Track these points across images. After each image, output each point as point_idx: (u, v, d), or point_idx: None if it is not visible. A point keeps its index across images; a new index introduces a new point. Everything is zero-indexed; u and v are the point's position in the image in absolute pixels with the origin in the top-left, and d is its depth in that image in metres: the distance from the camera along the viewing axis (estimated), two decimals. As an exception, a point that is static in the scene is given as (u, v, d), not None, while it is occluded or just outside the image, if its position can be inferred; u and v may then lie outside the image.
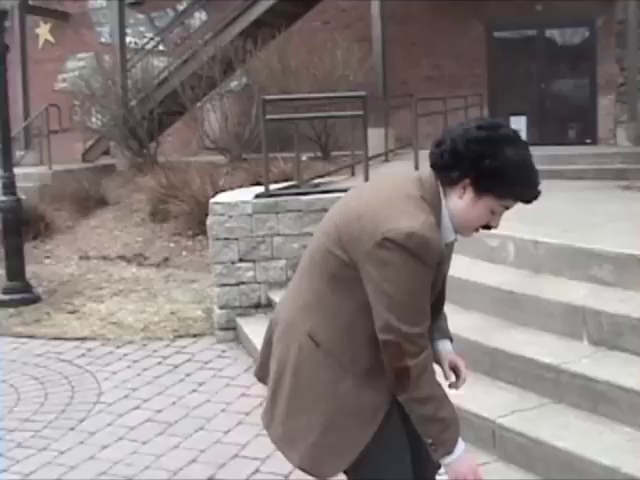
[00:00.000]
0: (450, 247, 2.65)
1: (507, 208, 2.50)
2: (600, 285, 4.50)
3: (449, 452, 2.48)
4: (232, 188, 8.90)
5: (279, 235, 6.82)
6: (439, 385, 2.48)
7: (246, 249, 6.73)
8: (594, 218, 6.11)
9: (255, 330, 6.31)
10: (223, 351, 6.48)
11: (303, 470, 2.58)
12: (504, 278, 4.88)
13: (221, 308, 6.78)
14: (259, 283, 6.81)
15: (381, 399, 2.53)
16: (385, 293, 2.36)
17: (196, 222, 9.65)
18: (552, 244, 4.92)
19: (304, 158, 11.15)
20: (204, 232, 7.40)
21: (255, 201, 6.83)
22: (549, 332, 4.39)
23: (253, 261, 6.78)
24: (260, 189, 7.26)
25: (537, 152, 7.98)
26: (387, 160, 12.12)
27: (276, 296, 6.62)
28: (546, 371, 3.90)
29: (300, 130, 8.86)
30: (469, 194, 2.45)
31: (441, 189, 2.49)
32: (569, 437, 3.51)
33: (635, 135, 12.38)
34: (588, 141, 14.26)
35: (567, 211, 6.64)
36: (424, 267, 2.34)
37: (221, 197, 7.24)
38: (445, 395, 2.48)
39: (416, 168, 8.27)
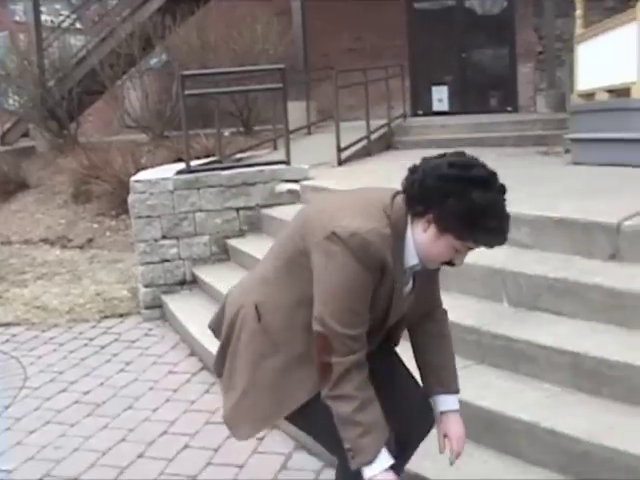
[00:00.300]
0: (421, 273, 2.67)
1: (471, 248, 2.51)
2: (519, 248, 4.56)
3: (368, 462, 2.46)
4: (154, 166, 8.82)
5: (201, 211, 6.80)
6: (366, 388, 2.49)
7: (169, 226, 6.69)
8: (513, 183, 6.14)
9: (181, 307, 6.30)
10: (150, 329, 6.45)
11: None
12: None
13: (146, 286, 6.73)
14: (183, 260, 6.79)
15: (306, 386, 2.56)
16: (323, 283, 2.43)
17: (119, 202, 9.55)
18: (471, 209, 4.94)
19: (226, 134, 11.10)
20: (127, 211, 7.33)
21: (176, 178, 6.78)
22: (470, 295, 4.44)
23: (176, 238, 6.74)
24: (182, 166, 7.19)
25: (459, 121, 8.16)
26: (309, 133, 12.13)
27: (201, 272, 6.61)
28: (468, 333, 3.95)
29: (221, 105, 8.82)
30: (432, 229, 2.47)
31: (409, 215, 2.51)
32: (491, 396, 3.56)
33: (554, 102, 12.58)
34: (509, 109, 14.46)
35: (487, 177, 6.71)
36: (363, 269, 2.39)
37: (142, 175, 7.17)
38: (370, 399, 2.48)
39: (337, 140, 8.28)
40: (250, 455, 4.10)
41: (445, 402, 2.82)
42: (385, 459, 2.47)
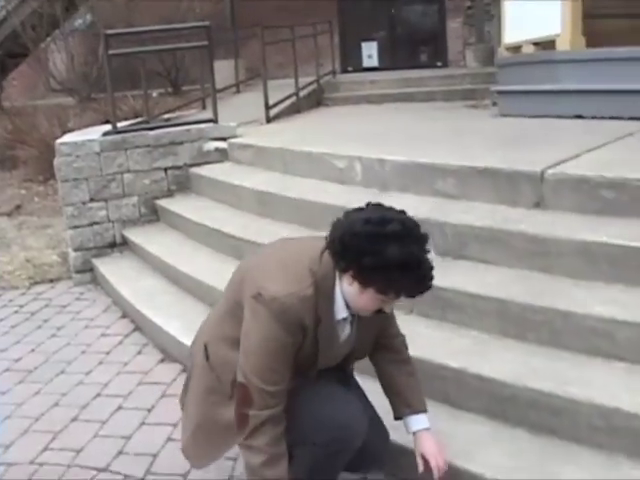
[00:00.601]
0: (364, 321, 2.77)
1: (396, 298, 2.56)
2: (444, 198, 4.61)
3: None
4: (81, 129, 8.64)
5: (129, 172, 6.70)
6: (278, 444, 2.60)
7: (96, 188, 6.57)
8: (440, 135, 6.24)
9: (112, 270, 6.24)
10: (81, 293, 6.37)
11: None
12: (352, 197, 4.90)
13: (76, 250, 6.62)
14: (112, 222, 6.69)
15: None
16: (247, 339, 2.59)
17: (46, 166, 9.29)
18: (397, 161, 4.98)
19: (155, 95, 10.96)
20: (55, 176, 7.16)
21: (102, 139, 6.66)
22: (397, 246, 4.46)
23: (105, 200, 6.63)
24: (108, 127, 7.06)
25: (388, 76, 8.15)
26: (238, 92, 12.03)
27: (131, 234, 6.55)
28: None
29: (149, 66, 8.70)
30: (356, 284, 2.53)
31: (336, 270, 2.57)
32: (420, 345, 3.60)
33: (483, 56, 12.66)
34: (439, 64, 14.51)
35: (414, 130, 6.77)
36: (282, 331, 2.52)
37: (67, 137, 7.04)
38: (280, 455, 2.60)
39: (265, 98, 8.22)
40: (184, 413, 4.10)
41: (415, 422, 2.96)
42: None
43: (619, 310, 3.40)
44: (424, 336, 3.73)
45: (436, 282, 3.78)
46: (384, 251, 2.39)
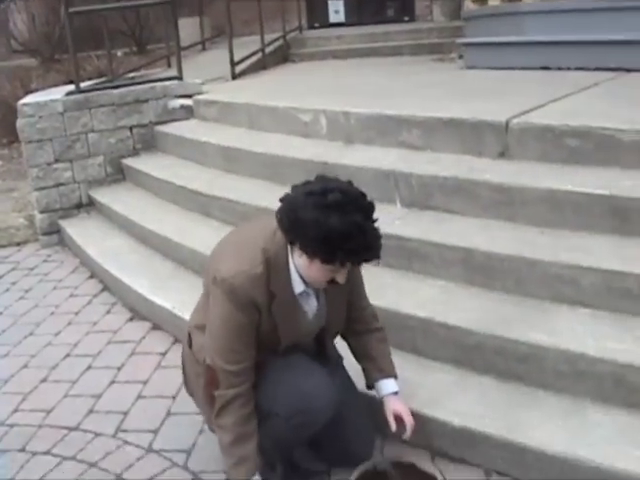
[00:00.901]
0: (330, 290, 2.77)
1: (344, 267, 2.57)
2: (410, 149, 4.60)
3: None
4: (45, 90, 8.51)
5: (94, 131, 6.61)
6: (246, 423, 2.66)
7: (61, 149, 6.48)
8: (405, 88, 6.20)
9: (79, 231, 6.19)
10: (48, 255, 6.33)
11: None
12: (318, 150, 4.90)
13: (42, 212, 6.56)
14: (78, 183, 6.62)
15: None
16: (210, 322, 2.68)
17: (10, 129, 9.11)
18: (362, 114, 4.95)
19: (119, 54, 10.81)
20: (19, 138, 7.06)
21: (65, 99, 6.55)
22: (364, 199, 4.45)
23: (70, 160, 6.55)
24: (72, 87, 6.94)
25: (355, 32, 8.07)
26: (204, 49, 11.89)
27: (97, 194, 6.50)
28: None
29: (112, 25, 8.60)
30: (304, 256, 2.56)
31: (289, 245, 2.60)
32: (386, 296, 3.62)
33: (450, 10, 12.56)
34: (406, 19, 14.36)
35: (379, 83, 6.71)
36: (236, 311, 2.57)
37: (30, 98, 6.91)
38: (248, 434, 2.66)
39: (231, 54, 8.13)
40: (154, 371, 4.11)
41: (386, 386, 3.00)
42: None
43: (584, 257, 3.42)
44: (391, 287, 3.74)
45: (402, 232, 3.89)
46: (326, 221, 2.41)
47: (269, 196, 4.77)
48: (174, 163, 6.31)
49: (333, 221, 2.40)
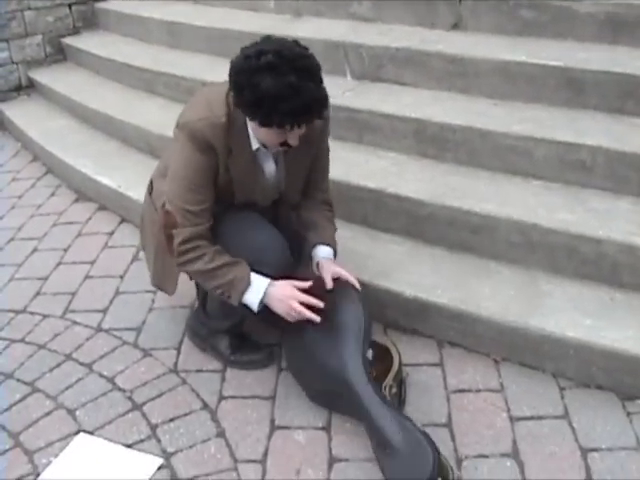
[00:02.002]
0: (291, 154, 2.74)
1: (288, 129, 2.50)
2: (360, 21, 4.50)
3: (245, 287, 2.61)
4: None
5: (30, 9, 6.29)
6: (213, 259, 2.63)
7: (-4, 28, 6.20)
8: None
9: (19, 114, 6.00)
10: (-13, 140, 6.11)
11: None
12: (265, 23, 4.76)
13: (-21, 96, 6.31)
14: (16, 64, 6.34)
15: None
16: (171, 165, 2.69)
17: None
18: (311, -15, 4.79)
19: None
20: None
21: (-2, -27, 6.23)
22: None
23: (6, 40, 6.23)
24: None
25: None
26: None
27: (37, 75, 6.28)
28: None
29: None
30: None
31: None
32: (337, 168, 3.42)
33: None
34: None
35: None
36: (196, 152, 2.58)
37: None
38: (217, 251, 2.64)
39: None
40: (101, 251, 4.03)
41: (323, 252, 2.89)
42: (260, 279, 2.64)
43: (538, 128, 3.39)
44: (341, 159, 3.65)
45: (352, 104, 3.82)
46: (259, 84, 2.35)
47: (215, 71, 4.68)
48: (116, 40, 6.10)
49: (265, 84, 2.34)
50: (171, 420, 2.79)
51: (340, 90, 3.96)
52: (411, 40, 4.04)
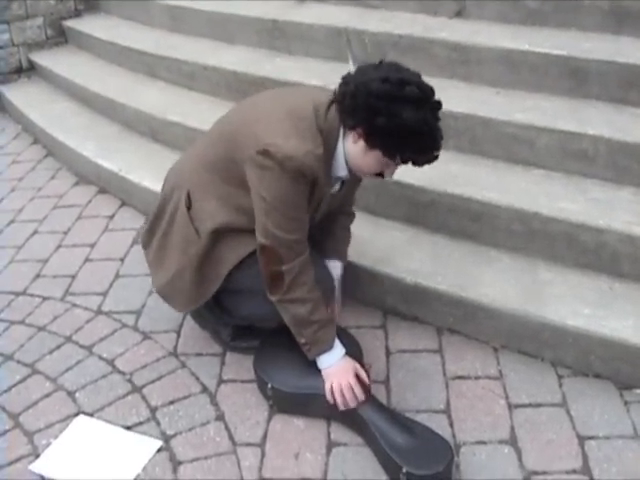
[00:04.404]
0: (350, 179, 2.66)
1: (400, 164, 2.44)
2: (364, 8, 4.48)
3: (325, 350, 2.59)
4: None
5: (32, -10, 6.28)
6: (315, 289, 2.54)
7: (-3, 9, 6.18)
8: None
9: (20, 96, 5.99)
10: (-13, 122, 6.10)
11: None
12: (267, 9, 4.74)
13: (-20, 78, 6.29)
14: (17, 46, 6.31)
15: (221, 271, 2.69)
16: (262, 198, 2.43)
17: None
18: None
19: None
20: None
21: (-1, -46, 6.20)
22: (315, 57, 4.38)
23: (6, 22, 6.19)
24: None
25: None
26: None
27: (38, 58, 6.26)
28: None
29: None
30: (361, 143, 2.39)
31: (342, 126, 2.43)
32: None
33: None
34: None
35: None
36: (297, 184, 2.40)
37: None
38: (320, 299, 2.55)
39: None
40: (101, 234, 4.04)
41: (335, 266, 2.92)
42: (340, 348, 2.61)
43: (540, 117, 3.39)
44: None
45: None
46: (400, 114, 2.26)
47: (217, 55, 4.68)
48: (118, 24, 6.08)
49: (407, 115, 2.25)
50: (170, 403, 2.80)
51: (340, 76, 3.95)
52: (414, 27, 4.03)
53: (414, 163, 2.43)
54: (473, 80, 3.79)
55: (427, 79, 3.78)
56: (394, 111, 2.27)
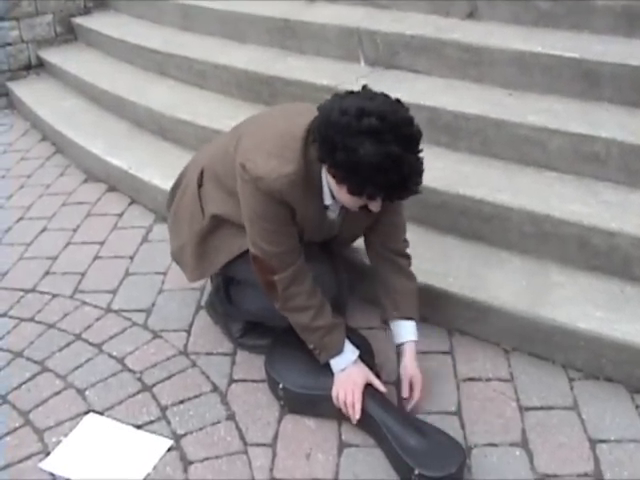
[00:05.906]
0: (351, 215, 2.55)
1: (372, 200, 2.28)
2: (375, 8, 4.48)
3: (334, 355, 2.56)
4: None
5: (41, -12, 6.28)
6: (316, 294, 2.50)
7: (6, 6, 6.13)
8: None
9: (28, 93, 6.00)
10: (-3, 119, 6.11)
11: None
12: (280, 8, 4.74)
13: (-11, 75, 6.29)
14: (26, 42, 6.32)
15: (223, 251, 2.70)
16: (245, 207, 2.44)
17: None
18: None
19: None
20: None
21: (10, -48, 6.20)
22: (326, 57, 4.38)
23: (16, 19, 6.21)
24: None
25: None
26: None
27: (47, 55, 6.27)
28: (324, 93, 3.81)
29: None
30: (332, 178, 2.29)
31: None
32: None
33: None
34: None
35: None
36: (271, 203, 2.34)
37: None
38: (323, 304, 2.51)
39: None
40: (110, 232, 4.03)
41: (399, 331, 2.73)
42: (351, 351, 2.58)
43: (552, 119, 3.38)
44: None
45: None
46: (359, 148, 2.08)
47: (227, 54, 4.67)
48: (128, 21, 6.09)
49: (364, 150, 2.07)
50: (181, 402, 2.80)
51: (354, 76, 3.96)
52: (426, 28, 4.03)
53: (386, 199, 2.26)
54: (485, 81, 3.78)
55: (439, 80, 3.84)
56: (352, 145, 2.10)
